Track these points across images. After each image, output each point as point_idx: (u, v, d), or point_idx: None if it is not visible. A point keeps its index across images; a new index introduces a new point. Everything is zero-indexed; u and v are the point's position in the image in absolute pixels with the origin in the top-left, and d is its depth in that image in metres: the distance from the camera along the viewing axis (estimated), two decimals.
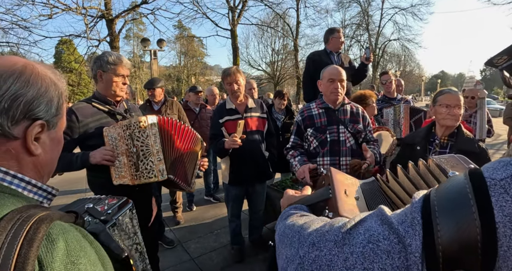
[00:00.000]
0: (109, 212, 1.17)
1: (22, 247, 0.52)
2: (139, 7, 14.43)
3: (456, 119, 2.10)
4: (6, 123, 0.62)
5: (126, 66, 2.08)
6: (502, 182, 0.44)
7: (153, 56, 13.42)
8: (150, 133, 1.94)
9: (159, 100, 3.89)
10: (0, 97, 0.62)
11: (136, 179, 1.92)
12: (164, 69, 38.06)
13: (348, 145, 2.39)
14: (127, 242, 1.22)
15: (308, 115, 2.49)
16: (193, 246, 3.62)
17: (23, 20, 12.20)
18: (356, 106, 2.53)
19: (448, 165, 0.99)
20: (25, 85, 0.65)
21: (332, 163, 2.37)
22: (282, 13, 25.69)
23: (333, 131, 2.40)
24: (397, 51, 34.28)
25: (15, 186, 0.64)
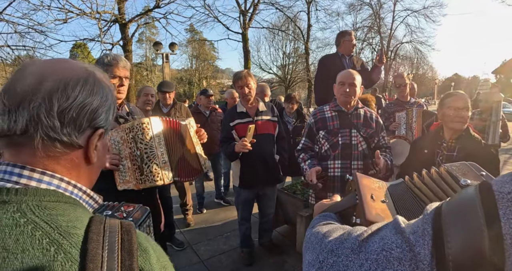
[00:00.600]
0: (130, 219, 1.17)
1: (124, 258, 0.54)
2: (152, 11, 14.59)
3: (464, 122, 2.08)
4: (74, 133, 0.62)
5: (123, 67, 1.97)
6: (509, 195, 0.45)
7: (165, 59, 13.55)
8: (154, 135, 1.90)
9: (169, 103, 3.94)
10: (69, 105, 0.60)
11: (141, 183, 1.87)
12: (176, 72, 38.38)
13: (360, 149, 2.37)
14: None
15: (321, 118, 2.48)
16: (203, 248, 3.63)
17: (39, 24, 12.45)
18: (370, 111, 2.51)
19: (459, 173, 0.99)
20: (90, 94, 0.64)
21: (343, 166, 2.35)
22: (293, 17, 25.71)
23: (345, 135, 2.38)
24: (409, 54, 33.91)
25: (75, 195, 0.64)
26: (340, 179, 2.34)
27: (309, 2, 25.72)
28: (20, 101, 0.57)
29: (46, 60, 0.67)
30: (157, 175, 1.88)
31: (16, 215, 0.53)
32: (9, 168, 0.58)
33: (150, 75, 33.79)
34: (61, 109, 0.59)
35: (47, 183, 0.60)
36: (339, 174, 2.34)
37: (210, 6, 18.58)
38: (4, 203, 0.54)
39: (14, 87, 0.59)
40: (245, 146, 2.56)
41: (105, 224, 0.58)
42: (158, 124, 1.96)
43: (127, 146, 1.87)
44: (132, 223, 0.60)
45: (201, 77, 37.01)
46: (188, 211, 4.41)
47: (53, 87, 0.59)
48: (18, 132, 0.57)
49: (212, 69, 38.12)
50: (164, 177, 1.90)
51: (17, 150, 0.60)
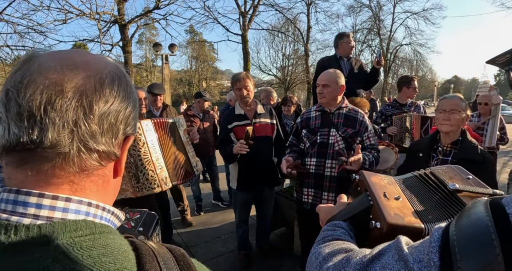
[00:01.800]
0: (140, 229, 1.13)
1: None
2: (152, 12, 14.62)
3: (451, 124, 2.06)
4: (111, 141, 0.51)
5: None
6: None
7: (165, 60, 13.55)
8: (147, 140, 1.81)
9: (159, 106, 3.91)
10: (108, 109, 0.49)
11: (138, 191, 1.80)
12: (176, 73, 38.39)
13: (336, 148, 2.39)
14: None
15: (306, 117, 2.58)
16: (200, 251, 3.61)
17: (39, 24, 12.44)
18: (356, 110, 2.51)
19: (446, 177, 0.98)
20: (126, 96, 0.53)
21: (317, 164, 2.41)
22: (293, 18, 25.71)
23: (324, 133, 2.43)
24: (409, 56, 33.94)
25: (105, 220, 0.52)
26: (314, 176, 2.42)
27: (309, 4, 25.76)
28: (47, 101, 0.44)
29: (56, 51, 0.52)
30: (154, 182, 1.81)
31: (46, 262, 0.39)
32: (21, 197, 0.44)
33: (150, 76, 33.80)
34: (101, 112, 0.48)
35: (74, 212, 0.46)
36: (313, 171, 2.42)
37: (210, 8, 18.60)
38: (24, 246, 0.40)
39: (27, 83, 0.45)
40: (243, 148, 2.55)
41: (157, 257, 0.48)
42: (150, 128, 1.89)
43: None
44: (184, 252, 0.53)
45: (201, 78, 37.03)
46: (186, 212, 4.40)
47: (87, 85, 0.47)
48: (47, 143, 0.44)
49: (211, 70, 38.14)
50: (161, 184, 1.84)
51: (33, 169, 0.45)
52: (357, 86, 3.86)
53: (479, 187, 0.91)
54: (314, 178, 2.42)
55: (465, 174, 0.99)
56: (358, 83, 3.90)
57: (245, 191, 2.95)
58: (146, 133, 1.84)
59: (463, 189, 0.89)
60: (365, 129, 2.46)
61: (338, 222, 0.85)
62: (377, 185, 0.94)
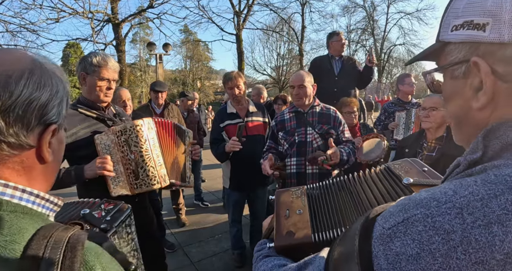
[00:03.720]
0: (108, 218, 1.13)
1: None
2: (145, 11, 14.53)
3: (431, 121, 2.13)
4: (22, 132, 0.55)
5: (113, 68, 1.86)
6: (389, 231, 0.45)
7: (159, 60, 13.51)
8: (148, 137, 1.83)
9: (161, 103, 3.91)
10: (14, 103, 0.53)
11: (136, 188, 1.79)
12: (170, 73, 38.22)
13: (315, 146, 2.41)
14: (125, 250, 1.20)
15: (280, 120, 2.57)
16: (194, 251, 3.60)
17: (31, 23, 12.32)
18: (328, 108, 2.54)
19: (402, 171, 1.03)
20: (38, 87, 0.57)
21: (298, 163, 2.41)
22: (288, 18, 25.77)
23: (301, 133, 2.44)
24: (402, 56, 34.05)
25: (25, 201, 0.57)
26: (296, 176, 2.41)
27: (304, 3, 25.82)
28: None
29: None
30: (154, 178, 1.81)
31: None
32: None
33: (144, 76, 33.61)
34: (5, 107, 0.53)
35: None
36: (295, 171, 2.42)
37: (204, 7, 18.54)
38: None
39: None
40: (235, 145, 2.55)
41: (50, 239, 0.51)
42: (152, 126, 1.91)
43: (119, 150, 1.78)
44: (82, 238, 0.54)
45: (195, 78, 36.89)
46: (181, 211, 4.40)
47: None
48: None
49: (206, 70, 38.00)
50: (161, 180, 1.84)
51: None
52: (350, 85, 3.86)
53: (434, 179, 0.96)
54: (296, 177, 2.41)
55: (420, 167, 1.03)
56: (351, 81, 3.90)
57: (238, 191, 2.94)
58: (148, 131, 1.85)
59: (416, 182, 0.94)
60: (339, 124, 2.49)
61: (263, 241, 0.95)
62: (283, 204, 1.03)
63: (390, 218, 0.46)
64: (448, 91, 0.59)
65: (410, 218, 0.44)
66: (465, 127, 0.58)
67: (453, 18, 0.53)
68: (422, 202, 0.45)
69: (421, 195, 0.47)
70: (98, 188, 1.76)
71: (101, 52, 1.92)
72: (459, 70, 0.53)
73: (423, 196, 0.46)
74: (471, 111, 0.53)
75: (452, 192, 0.43)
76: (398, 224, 0.44)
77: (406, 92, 4.03)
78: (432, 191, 0.46)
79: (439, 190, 0.45)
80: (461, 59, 0.52)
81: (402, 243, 0.43)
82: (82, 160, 1.75)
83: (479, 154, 0.49)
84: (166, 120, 2.07)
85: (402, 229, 0.43)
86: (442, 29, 0.56)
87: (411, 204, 0.45)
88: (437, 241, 0.40)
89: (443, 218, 0.41)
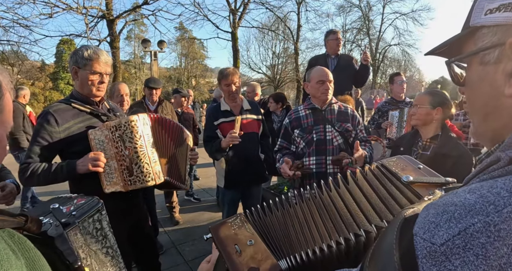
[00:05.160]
0: (74, 213, 1.11)
1: None
2: (140, 8, 14.43)
3: (417, 118, 2.14)
4: None
5: (105, 62, 1.81)
6: (442, 247, 0.37)
7: (154, 57, 13.41)
8: (143, 133, 1.80)
9: (155, 100, 3.87)
10: None
11: (130, 185, 1.75)
12: (165, 70, 38.01)
13: (335, 144, 2.37)
14: (95, 246, 1.16)
15: (296, 117, 2.51)
16: (187, 249, 3.58)
17: (24, 18, 12.19)
18: (345, 106, 2.53)
19: (398, 168, 0.99)
20: None
21: (318, 162, 2.35)
22: (283, 17, 25.70)
23: (320, 131, 2.39)
24: (397, 56, 34.24)
25: None
26: (316, 175, 2.33)
27: (299, 2, 25.78)
28: None
29: None
30: (148, 175, 1.78)
31: None
32: None
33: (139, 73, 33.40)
34: None
35: None
36: (314, 171, 2.34)
37: (200, 4, 18.47)
38: None
39: None
40: (234, 139, 2.49)
41: None
42: (147, 122, 1.88)
43: (113, 146, 1.74)
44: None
45: (190, 75, 36.75)
46: (175, 209, 4.37)
47: None
48: None
49: (201, 67, 37.86)
50: (155, 177, 1.81)
51: None
52: (344, 82, 3.84)
53: (432, 177, 0.92)
54: (316, 177, 2.32)
55: (415, 164, 0.99)
56: (345, 79, 3.89)
57: (233, 189, 2.91)
58: (143, 127, 1.81)
59: (417, 180, 0.89)
60: (358, 123, 2.49)
61: None
62: (226, 239, 0.92)
63: (437, 231, 0.39)
64: (474, 79, 0.55)
65: (467, 229, 0.36)
66: (492, 118, 0.52)
67: (487, 2, 0.50)
68: (474, 207, 0.38)
69: (467, 199, 0.40)
70: (92, 184, 1.73)
71: (93, 46, 1.88)
72: (491, 54, 0.50)
73: (472, 199, 0.39)
74: (502, 98, 0.49)
75: (507, 193, 0.37)
76: (453, 238, 0.37)
77: (397, 91, 4.06)
78: (479, 193, 0.40)
79: (487, 191, 0.39)
80: (494, 43, 0.49)
81: (463, 261, 0.35)
82: (76, 156, 1.72)
83: None
84: (164, 117, 2.04)
85: (460, 244, 0.36)
86: (473, 14, 0.53)
87: (461, 211, 0.39)
88: (506, 253, 0.34)
89: (509, 225, 0.35)
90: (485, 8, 0.50)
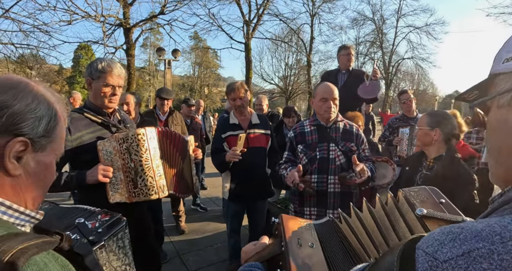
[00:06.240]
0: (100, 231, 1.11)
1: None
2: (157, 17, 14.71)
3: (417, 140, 2.15)
4: None
5: (118, 75, 1.85)
6: (445, 264, 0.38)
7: (167, 65, 13.63)
8: (150, 147, 1.82)
9: (166, 111, 3.92)
10: None
11: (134, 197, 1.79)
12: (178, 78, 38.53)
13: (338, 163, 2.34)
14: (116, 263, 1.17)
15: (300, 132, 2.49)
16: (191, 259, 3.57)
17: (44, 24, 12.51)
18: (350, 124, 2.50)
19: (417, 199, 0.94)
20: (13, 98, 0.61)
21: (319, 181, 2.33)
22: (297, 29, 25.94)
23: (323, 149, 2.36)
24: (410, 70, 34.13)
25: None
26: (317, 194, 2.31)
27: (313, 15, 26.01)
28: None
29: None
30: (152, 188, 1.81)
31: None
32: None
33: (153, 80, 33.94)
34: None
35: None
36: (315, 189, 2.31)
37: (215, 15, 18.76)
38: None
39: None
40: (235, 156, 2.51)
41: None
42: (154, 135, 1.90)
43: (120, 157, 1.78)
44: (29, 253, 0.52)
45: (203, 84, 37.15)
46: (181, 218, 4.38)
47: None
48: None
49: (214, 77, 38.30)
50: (159, 191, 1.84)
51: None
52: (351, 98, 3.74)
53: (450, 214, 0.87)
54: (316, 195, 2.32)
55: (438, 197, 0.95)
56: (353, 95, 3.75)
57: (237, 202, 2.92)
58: (150, 140, 1.84)
59: (431, 215, 0.85)
60: (361, 142, 2.46)
61: (254, 263, 0.86)
62: (292, 231, 0.93)
63: (441, 248, 0.39)
64: (492, 121, 0.58)
65: (471, 252, 0.37)
66: (506, 159, 0.55)
67: (505, 52, 0.54)
68: (481, 234, 0.38)
69: (474, 225, 0.40)
70: (98, 193, 1.76)
71: (108, 58, 1.93)
72: (506, 98, 0.53)
73: (479, 227, 0.40)
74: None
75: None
76: (457, 258, 0.37)
77: (405, 109, 4.05)
78: (486, 223, 0.40)
79: (494, 223, 0.40)
80: (508, 88, 0.52)
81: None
82: (85, 165, 1.75)
83: None
84: (171, 130, 2.07)
85: (463, 265, 0.37)
86: (494, 63, 0.57)
87: (467, 234, 0.39)
88: None
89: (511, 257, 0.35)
90: (503, 57, 0.54)
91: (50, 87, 0.70)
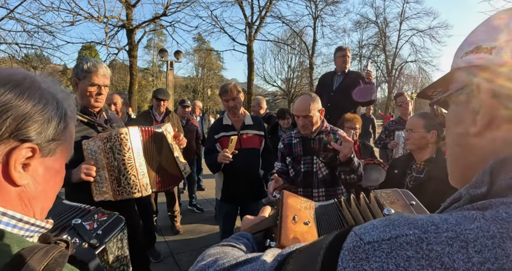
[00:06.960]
0: (99, 233, 1.09)
1: None
2: (159, 19, 14.80)
3: (410, 142, 2.11)
4: None
5: (103, 74, 1.89)
6: (367, 246, 0.36)
7: (170, 66, 13.67)
8: (132, 146, 1.86)
9: (162, 111, 3.96)
10: None
11: (118, 195, 1.83)
12: (181, 80, 38.65)
13: (320, 176, 2.29)
14: (115, 264, 1.16)
15: (288, 143, 2.44)
16: (185, 259, 3.58)
17: (48, 24, 12.64)
18: (336, 134, 2.32)
19: (387, 201, 0.98)
20: (18, 97, 0.53)
21: (305, 194, 2.26)
22: (299, 31, 25.96)
23: (307, 162, 2.32)
24: (413, 73, 34.00)
25: (4, 225, 0.52)
26: None
27: (315, 17, 26.05)
28: None
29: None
30: (135, 187, 1.85)
31: None
32: None
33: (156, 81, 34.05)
34: None
35: None
36: None
37: (217, 17, 18.85)
38: None
39: None
40: (226, 157, 2.52)
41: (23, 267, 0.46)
42: (137, 135, 1.93)
43: (105, 156, 1.82)
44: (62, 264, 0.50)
45: (206, 86, 37.22)
46: (176, 218, 4.40)
47: None
48: None
49: (217, 78, 38.34)
50: (142, 189, 1.87)
51: None
52: (346, 100, 3.78)
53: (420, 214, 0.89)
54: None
55: (409, 199, 0.98)
56: (348, 97, 3.79)
57: (229, 202, 2.93)
58: (132, 140, 1.87)
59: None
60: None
61: (244, 233, 0.85)
62: (290, 207, 0.95)
63: (372, 231, 0.38)
64: (450, 118, 0.56)
65: (399, 237, 0.36)
66: (461, 157, 0.53)
67: (466, 45, 0.52)
68: (416, 222, 0.37)
69: (415, 215, 0.39)
70: (84, 191, 1.81)
71: (93, 59, 1.97)
72: (462, 95, 0.51)
73: (418, 217, 0.39)
74: (468, 137, 0.50)
75: (454, 221, 0.36)
76: (382, 241, 0.36)
77: (401, 112, 4.06)
78: (428, 215, 0.39)
79: (437, 216, 0.38)
80: (465, 83, 0.51)
81: (381, 266, 0.34)
82: (72, 164, 1.78)
83: (485, 189, 0.42)
84: (150, 128, 2.09)
85: (386, 249, 0.35)
86: (454, 57, 0.55)
87: (402, 221, 0.38)
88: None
89: (442, 248, 0.34)
90: (463, 51, 0.52)
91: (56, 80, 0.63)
